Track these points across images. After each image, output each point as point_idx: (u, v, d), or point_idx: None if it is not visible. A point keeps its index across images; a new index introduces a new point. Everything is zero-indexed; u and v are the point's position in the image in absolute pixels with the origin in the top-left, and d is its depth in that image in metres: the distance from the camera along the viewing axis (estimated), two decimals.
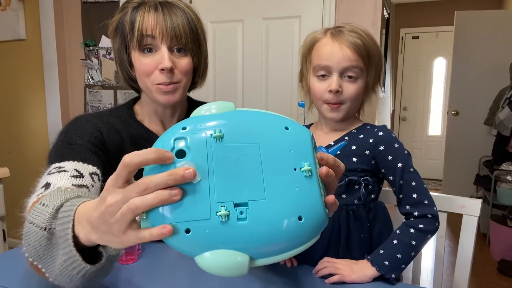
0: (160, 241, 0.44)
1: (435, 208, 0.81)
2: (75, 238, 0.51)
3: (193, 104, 1.00)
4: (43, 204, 0.56)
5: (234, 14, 2.21)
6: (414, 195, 0.82)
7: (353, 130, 0.88)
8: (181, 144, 0.43)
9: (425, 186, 0.83)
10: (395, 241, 0.79)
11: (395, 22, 4.53)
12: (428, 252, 2.69)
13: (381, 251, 0.79)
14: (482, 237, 3.13)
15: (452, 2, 4.54)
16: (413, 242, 0.78)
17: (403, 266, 0.77)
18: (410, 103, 5.26)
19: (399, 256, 0.77)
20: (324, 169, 0.46)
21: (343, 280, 0.75)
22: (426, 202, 0.81)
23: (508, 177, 2.90)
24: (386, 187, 0.97)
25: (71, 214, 0.52)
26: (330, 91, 0.83)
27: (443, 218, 1.06)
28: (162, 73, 0.83)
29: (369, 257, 0.79)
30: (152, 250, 0.90)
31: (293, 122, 0.49)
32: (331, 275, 0.76)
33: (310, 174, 0.45)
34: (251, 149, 0.44)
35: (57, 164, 0.75)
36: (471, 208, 1.00)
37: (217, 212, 0.41)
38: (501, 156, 3.12)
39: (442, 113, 5.17)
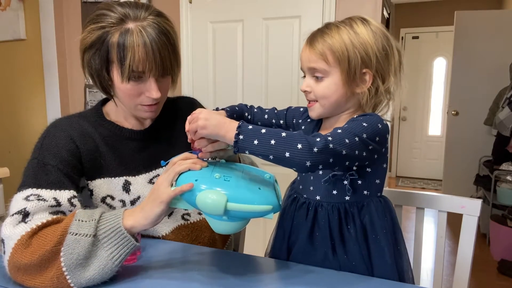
0: (160, 241, 0.47)
1: (331, 145, 0.70)
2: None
3: (167, 101, 1.01)
4: (81, 220, 0.74)
5: (234, 14, 2.21)
6: (328, 136, 0.72)
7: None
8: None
9: (343, 143, 0.72)
10: (283, 134, 0.70)
11: (395, 22, 4.53)
12: (428, 252, 2.69)
13: (250, 127, 0.71)
14: (482, 237, 3.13)
15: (452, 2, 4.54)
16: (283, 134, 0.70)
17: (255, 142, 0.69)
18: (410, 103, 5.26)
19: (263, 131, 0.70)
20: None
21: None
22: (327, 139, 0.70)
23: (508, 177, 2.90)
24: (394, 188, 0.95)
25: (120, 212, 0.76)
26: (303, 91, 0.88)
27: (443, 218, 1.06)
28: (148, 98, 0.88)
29: (241, 124, 0.71)
30: (151, 251, 0.90)
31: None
32: None
33: (269, 177, 0.83)
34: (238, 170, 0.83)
35: (35, 191, 0.81)
36: (471, 208, 1.00)
37: (215, 175, 0.74)
38: (501, 156, 3.12)
39: (442, 113, 5.17)
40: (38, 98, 2.57)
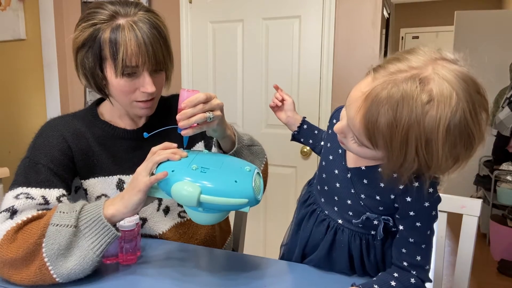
0: (160, 241, 0.47)
1: (427, 267, 0.76)
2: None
3: (160, 100, 1.01)
4: (62, 212, 0.75)
5: (234, 14, 2.21)
6: (418, 258, 0.74)
7: None
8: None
9: (431, 252, 0.77)
10: (393, 283, 0.74)
11: (395, 22, 4.52)
12: None
13: (375, 286, 0.73)
14: (482, 237, 3.13)
15: (452, 2, 4.54)
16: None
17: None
18: None
19: None
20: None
21: None
22: (427, 267, 0.76)
23: (508, 177, 2.90)
24: None
25: (101, 203, 0.77)
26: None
27: (443, 218, 1.06)
28: (143, 94, 0.88)
29: (361, 286, 0.73)
30: (151, 251, 0.90)
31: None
32: None
33: (249, 170, 0.78)
34: (219, 160, 0.82)
35: (25, 190, 0.83)
36: (471, 208, 1.00)
37: (192, 166, 0.74)
38: (501, 156, 3.12)
39: None
40: (38, 98, 2.57)
